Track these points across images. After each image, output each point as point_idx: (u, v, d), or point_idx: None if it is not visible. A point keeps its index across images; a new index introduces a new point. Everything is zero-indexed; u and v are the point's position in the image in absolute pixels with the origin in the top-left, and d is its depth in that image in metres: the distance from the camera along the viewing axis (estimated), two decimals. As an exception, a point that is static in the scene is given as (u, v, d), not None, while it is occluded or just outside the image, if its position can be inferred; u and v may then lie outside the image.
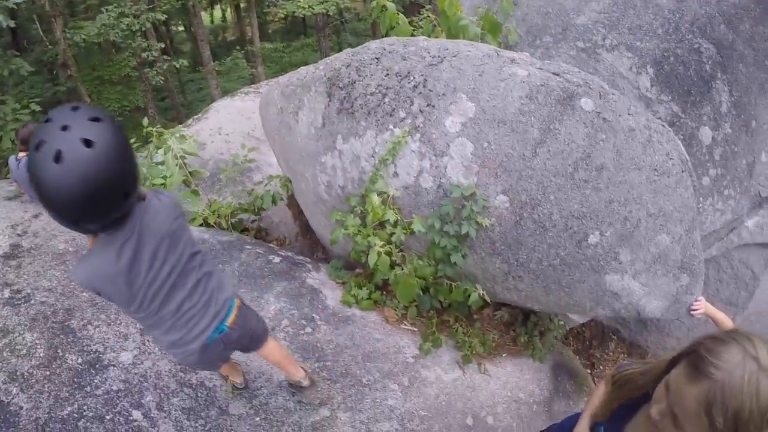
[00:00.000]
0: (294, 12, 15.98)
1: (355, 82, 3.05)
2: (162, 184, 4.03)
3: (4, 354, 2.85)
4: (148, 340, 2.86)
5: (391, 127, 2.88)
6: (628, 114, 2.80)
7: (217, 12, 36.52)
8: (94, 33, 13.83)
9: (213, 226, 3.96)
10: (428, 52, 3.02)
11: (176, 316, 1.78)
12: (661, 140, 2.81)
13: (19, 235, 3.78)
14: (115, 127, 1.41)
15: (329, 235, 3.56)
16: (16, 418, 2.56)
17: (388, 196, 2.86)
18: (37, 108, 7.30)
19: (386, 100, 2.93)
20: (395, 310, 3.28)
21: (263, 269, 3.33)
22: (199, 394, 2.68)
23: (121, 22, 13.74)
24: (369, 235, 2.91)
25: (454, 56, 2.93)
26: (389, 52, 3.11)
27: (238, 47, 20.31)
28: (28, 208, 3.94)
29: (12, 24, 4.70)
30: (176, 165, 4.18)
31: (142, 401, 2.61)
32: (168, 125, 18.59)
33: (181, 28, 31.65)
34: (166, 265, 1.67)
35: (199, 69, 15.52)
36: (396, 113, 2.88)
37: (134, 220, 1.57)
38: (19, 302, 3.10)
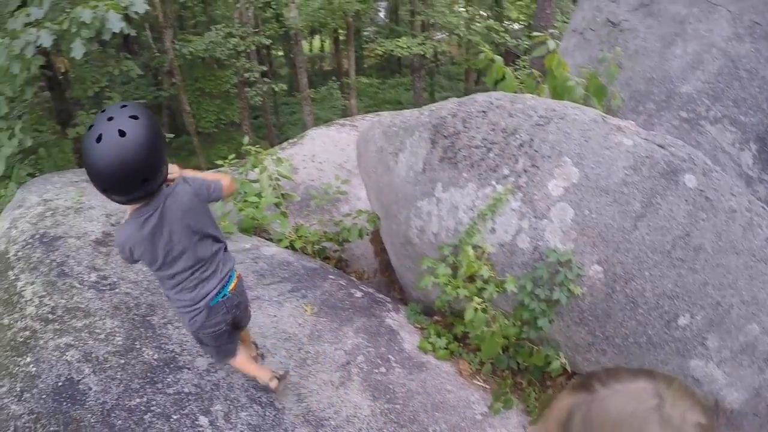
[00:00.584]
0: (392, 50, 16.38)
1: (460, 133, 3.10)
2: (255, 204, 4.19)
3: (83, 334, 3.00)
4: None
5: (493, 182, 2.90)
6: (731, 194, 2.73)
7: (316, 42, 37.92)
8: (201, 48, 14.71)
9: (298, 251, 4.06)
10: (535, 112, 3.03)
11: (189, 279, 2.15)
12: (762, 224, 2.72)
13: (112, 224, 4.01)
14: (148, 126, 1.79)
15: (412, 277, 3.58)
16: (83, 398, 2.66)
17: (484, 251, 2.86)
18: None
19: (491, 155, 2.96)
20: (470, 363, 3.25)
21: (344, 302, 3.38)
22: (267, 413, 2.72)
23: (228, 41, 14.53)
24: (458, 287, 2.91)
25: (561, 118, 2.93)
26: (496, 107, 3.14)
27: (334, 78, 20.97)
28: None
29: (134, 32, 5.08)
30: (270, 186, 4.33)
31: (211, 409, 2.67)
32: (260, 143, 19.35)
33: (280, 53, 33.02)
34: (183, 239, 2.06)
35: (294, 94, 16.15)
36: (499, 169, 2.91)
37: (159, 200, 1.96)
38: (105, 288, 3.28)
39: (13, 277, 3.50)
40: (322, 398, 2.84)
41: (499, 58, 4.34)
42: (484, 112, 3.14)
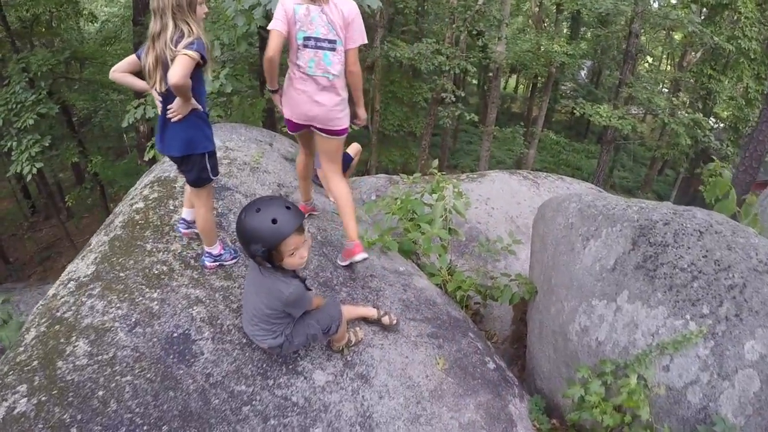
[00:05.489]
0: (590, 115, 15.80)
1: (668, 246, 2.79)
2: (421, 231, 4.12)
3: (216, 296, 3.05)
4: (348, 375, 2.86)
5: (687, 316, 2.57)
6: None
7: (512, 81, 37.81)
8: (407, 56, 15.06)
9: (446, 293, 3.93)
10: (756, 253, 2.67)
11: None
12: None
13: (282, 194, 4.12)
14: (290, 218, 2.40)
15: (547, 366, 3.33)
16: (192, 360, 2.68)
17: (649, 389, 2.54)
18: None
19: (695, 284, 2.63)
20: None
21: (476, 369, 3.19)
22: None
23: (435, 57, 14.77)
24: (605, 412, 2.61)
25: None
26: (715, 232, 2.80)
27: (521, 123, 20.70)
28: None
29: (380, 4, 5.31)
30: (441, 217, 4.23)
31: (311, 429, 2.59)
32: (429, 161, 19.56)
33: (474, 81, 33.35)
34: (256, 302, 2.63)
35: (477, 125, 16.06)
36: (699, 305, 2.57)
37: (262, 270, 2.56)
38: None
39: (172, 207, 3.67)
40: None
41: (727, 173, 3.93)
42: (700, 232, 2.81)
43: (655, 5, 18.56)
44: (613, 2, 15.87)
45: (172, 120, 2.81)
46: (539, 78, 24.49)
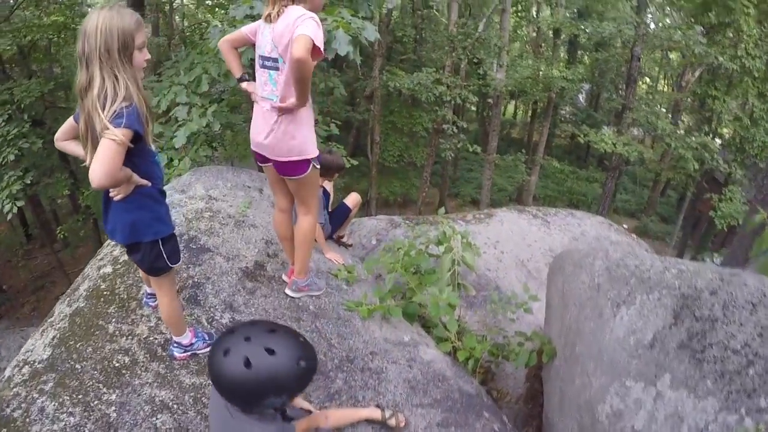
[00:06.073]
0: (594, 142, 15.51)
1: (716, 322, 2.40)
2: (429, 284, 3.75)
3: (186, 398, 2.66)
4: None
5: (743, 410, 2.17)
6: None
7: (510, 107, 37.77)
8: (407, 86, 14.85)
9: (456, 361, 3.55)
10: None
11: None
12: None
13: (269, 254, 3.79)
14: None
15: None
16: None
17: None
18: (336, 130, 7.68)
19: (750, 371, 2.23)
20: None
21: (494, 458, 2.79)
22: None
23: (436, 87, 14.54)
24: None
25: None
26: (770, 304, 2.41)
27: (523, 150, 20.47)
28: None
29: (359, 60, 4.93)
30: (448, 271, 3.85)
31: None
32: (431, 190, 19.33)
33: (473, 108, 33.23)
34: None
35: (476, 152, 15.78)
36: (756, 397, 2.17)
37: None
38: None
39: (140, 276, 3.28)
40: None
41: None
42: (753, 305, 2.41)
43: (652, 26, 18.41)
44: (615, 26, 15.68)
45: (114, 199, 2.28)
46: (539, 103, 24.33)
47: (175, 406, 2.57)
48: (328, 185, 4.62)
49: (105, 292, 3.13)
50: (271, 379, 1.75)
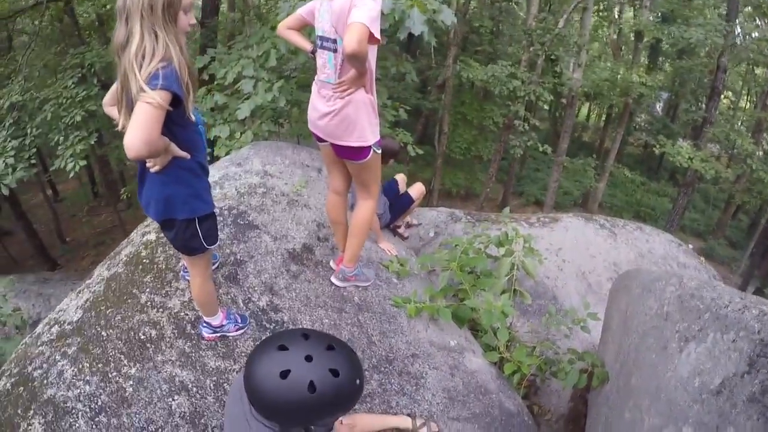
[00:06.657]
0: (669, 154, 14.77)
1: (799, 378, 2.13)
2: (482, 288, 3.58)
3: (207, 382, 2.55)
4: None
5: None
6: None
7: (584, 109, 36.59)
8: (480, 77, 14.50)
9: (502, 374, 3.37)
10: None
11: None
12: None
13: (318, 238, 3.71)
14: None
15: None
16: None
17: None
18: (404, 115, 7.52)
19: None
20: None
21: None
22: None
23: (510, 81, 14.14)
24: None
25: None
26: None
27: (593, 155, 19.76)
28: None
29: (434, 42, 4.77)
30: (506, 275, 3.66)
31: None
32: (495, 187, 18.96)
33: (546, 107, 32.37)
34: None
35: (546, 152, 15.27)
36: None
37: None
38: (267, 324, 2.93)
39: None
40: None
41: None
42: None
43: (739, 37, 17.37)
44: (703, 33, 14.78)
45: (150, 170, 2.12)
46: (614, 108, 23.42)
47: (194, 389, 2.49)
48: (401, 182, 4.53)
49: (144, 260, 3.09)
50: (332, 403, 1.57)
